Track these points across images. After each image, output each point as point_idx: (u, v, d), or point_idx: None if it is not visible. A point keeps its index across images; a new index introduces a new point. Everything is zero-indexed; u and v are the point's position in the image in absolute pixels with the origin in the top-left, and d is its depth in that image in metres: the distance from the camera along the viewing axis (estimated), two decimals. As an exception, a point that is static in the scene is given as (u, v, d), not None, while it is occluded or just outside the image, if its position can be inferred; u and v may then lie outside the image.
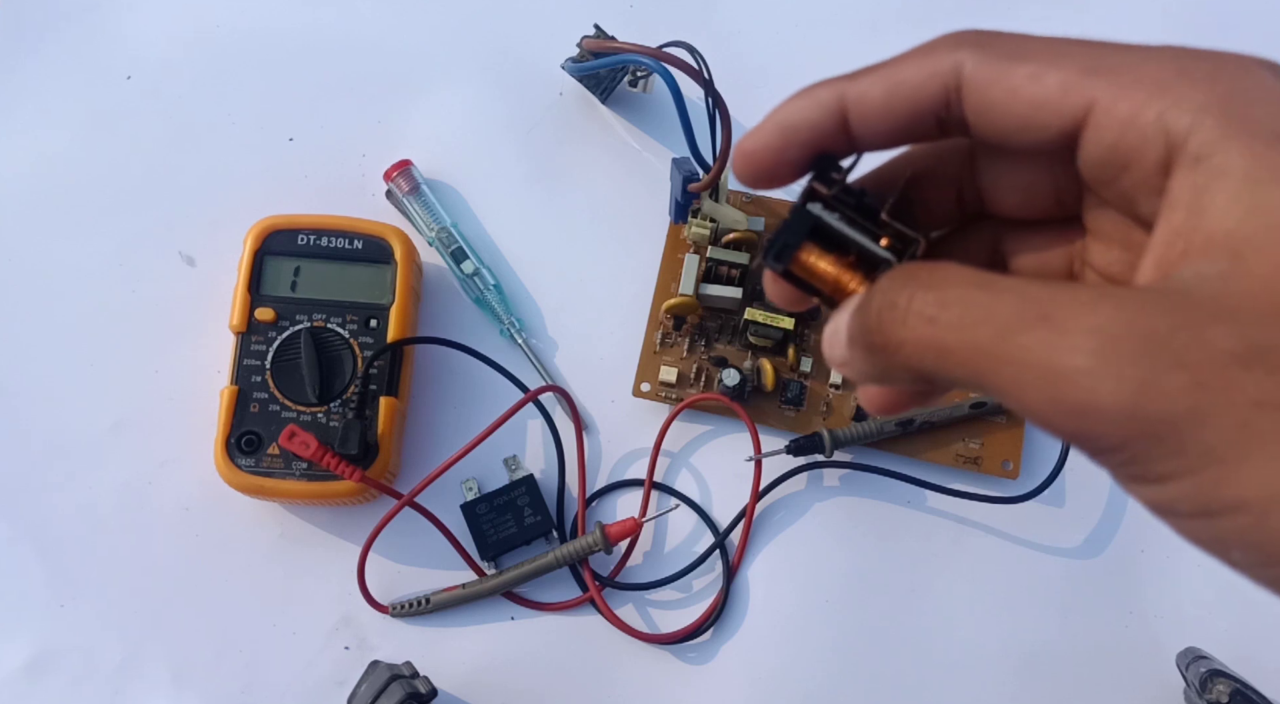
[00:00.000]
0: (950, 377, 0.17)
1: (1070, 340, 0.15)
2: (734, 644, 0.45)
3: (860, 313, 0.19)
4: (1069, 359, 0.15)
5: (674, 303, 0.46)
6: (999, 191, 0.22)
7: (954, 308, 0.17)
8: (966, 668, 0.45)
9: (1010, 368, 0.16)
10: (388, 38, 0.52)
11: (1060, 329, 0.16)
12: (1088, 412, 0.15)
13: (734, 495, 0.46)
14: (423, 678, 0.41)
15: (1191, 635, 0.44)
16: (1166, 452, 0.15)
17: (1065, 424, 0.16)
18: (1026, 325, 0.16)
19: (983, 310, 0.17)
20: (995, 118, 0.19)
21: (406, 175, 0.48)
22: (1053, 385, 0.16)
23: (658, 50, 0.42)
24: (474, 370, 0.47)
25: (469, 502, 0.45)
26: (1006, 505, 0.45)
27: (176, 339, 0.47)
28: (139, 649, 0.44)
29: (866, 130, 0.20)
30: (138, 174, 0.50)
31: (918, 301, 0.17)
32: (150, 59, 0.52)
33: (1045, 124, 0.18)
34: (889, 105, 0.20)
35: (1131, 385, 0.15)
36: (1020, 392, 0.16)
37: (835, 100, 0.20)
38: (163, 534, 0.45)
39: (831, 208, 0.20)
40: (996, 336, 0.16)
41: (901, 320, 0.17)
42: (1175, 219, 0.17)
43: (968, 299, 0.17)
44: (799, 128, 0.20)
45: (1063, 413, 0.16)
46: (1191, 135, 0.17)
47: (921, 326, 0.17)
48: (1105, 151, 0.18)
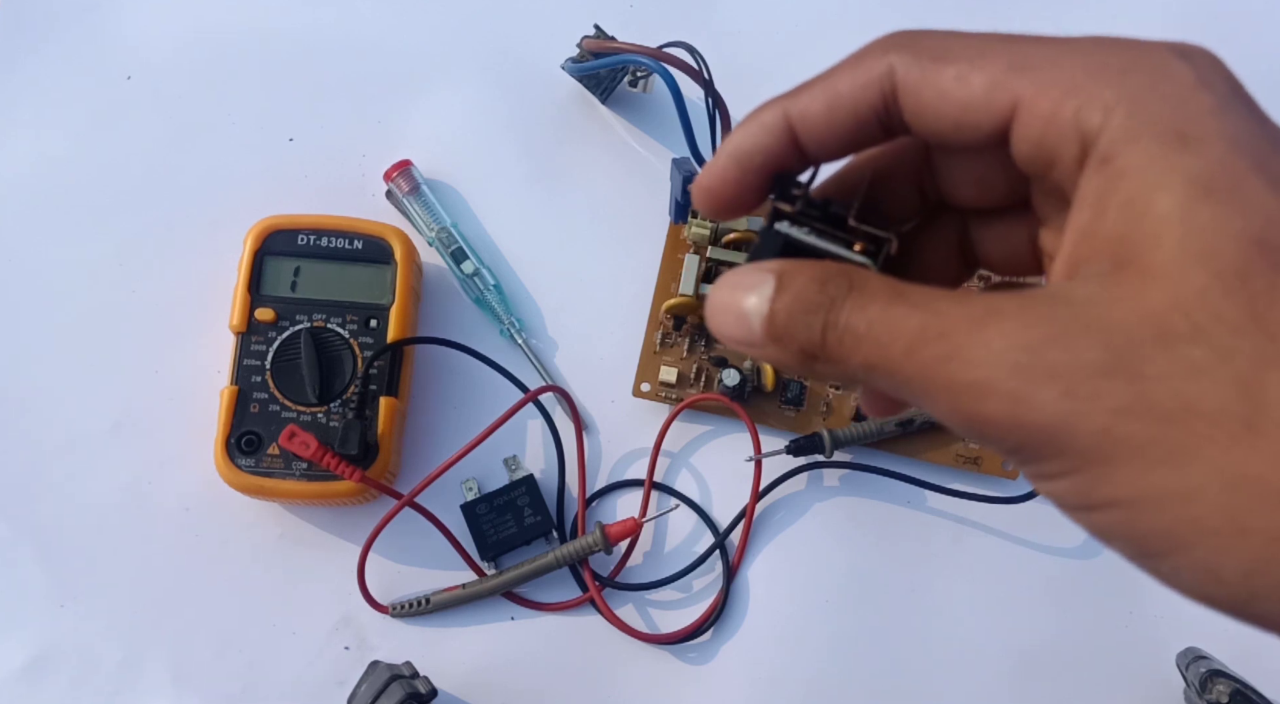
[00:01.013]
0: (882, 387, 0.18)
1: (962, 355, 0.17)
2: (734, 644, 0.45)
3: (790, 318, 0.19)
4: (961, 373, 0.17)
5: (674, 303, 0.46)
6: (955, 185, 0.22)
7: (878, 326, 0.18)
8: (966, 668, 0.45)
9: (918, 381, 0.17)
10: (388, 38, 0.52)
11: (955, 345, 0.17)
12: (980, 420, 0.17)
13: (734, 495, 0.46)
14: (423, 678, 0.41)
15: (1191, 635, 0.44)
16: (1050, 454, 0.16)
17: (968, 430, 0.17)
18: (928, 341, 0.17)
19: (896, 326, 0.17)
20: (929, 120, 0.19)
21: (406, 175, 0.48)
22: (951, 396, 0.17)
23: (658, 50, 0.42)
24: (474, 370, 0.47)
25: (469, 502, 0.45)
26: (1006, 505, 0.45)
27: (176, 339, 0.47)
28: (139, 649, 0.44)
29: (816, 144, 0.21)
30: (138, 174, 0.50)
31: (853, 320, 0.18)
32: (150, 59, 0.51)
33: (976, 124, 0.19)
34: (831, 118, 0.20)
35: (1010, 397, 0.16)
36: (929, 401, 0.17)
37: (780, 121, 0.20)
38: (163, 534, 0.45)
39: (799, 223, 0.21)
40: (905, 352, 0.17)
41: (838, 340, 0.18)
42: (1081, 218, 0.18)
43: (888, 317, 0.18)
44: (751, 154, 0.21)
45: (963, 421, 0.17)
46: (1101, 134, 0.17)
47: (853, 344, 0.18)
48: (1033, 147, 0.18)
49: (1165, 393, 0.15)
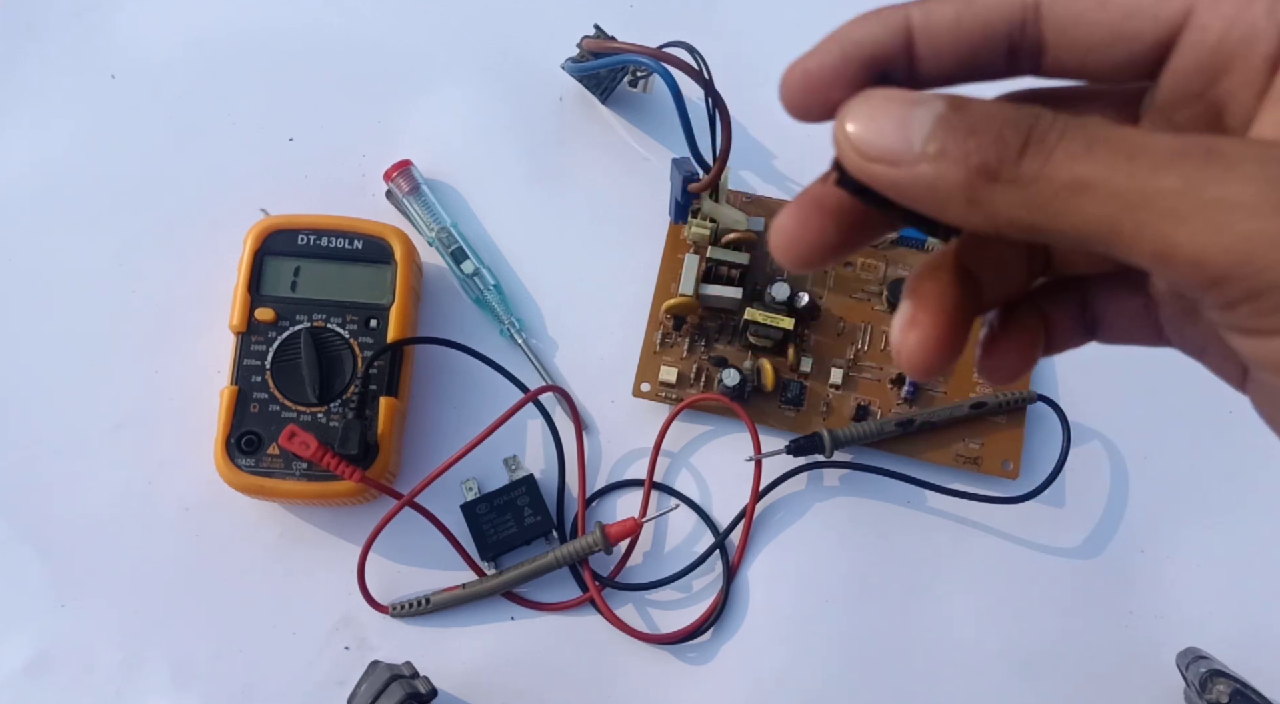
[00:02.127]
0: (1081, 219, 0.16)
1: (1245, 169, 0.15)
2: (734, 644, 0.45)
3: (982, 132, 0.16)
4: (1242, 187, 0.14)
5: (674, 303, 0.46)
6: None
7: (1103, 148, 0.15)
8: (966, 668, 0.45)
9: (1165, 199, 0.15)
10: (388, 38, 0.52)
11: (1231, 161, 0.15)
12: (1257, 239, 0.14)
13: (734, 495, 0.46)
14: (423, 678, 0.41)
15: (1191, 635, 0.44)
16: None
17: (1224, 254, 0.15)
18: (1189, 157, 0.15)
19: (1137, 147, 0.15)
20: (1080, 33, 0.18)
21: (406, 175, 0.48)
22: (1213, 217, 0.14)
23: (658, 50, 0.42)
24: (474, 370, 0.47)
25: (469, 502, 0.45)
26: (1006, 505, 0.45)
27: (176, 339, 0.47)
28: (139, 649, 0.44)
29: (933, 56, 0.19)
30: (138, 174, 0.50)
31: (1067, 140, 0.16)
32: (150, 59, 0.52)
33: (1138, 32, 0.17)
34: (959, 26, 0.19)
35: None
36: (1173, 224, 0.15)
37: (901, 19, 0.19)
38: (163, 534, 0.45)
39: None
40: (1153, 168, 0.15)
41: (1046, 155, 0.16)
42: None
43: (1120, 140, 0.15)
44: (861, 43, 0.19)
45: (1222, 248, 0.15)
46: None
47: (1064, 161, 0.15)
48: (1205, 54, 0.17)
49: None
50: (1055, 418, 0.45)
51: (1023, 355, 0.21)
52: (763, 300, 0.46)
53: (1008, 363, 0.21)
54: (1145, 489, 0.47)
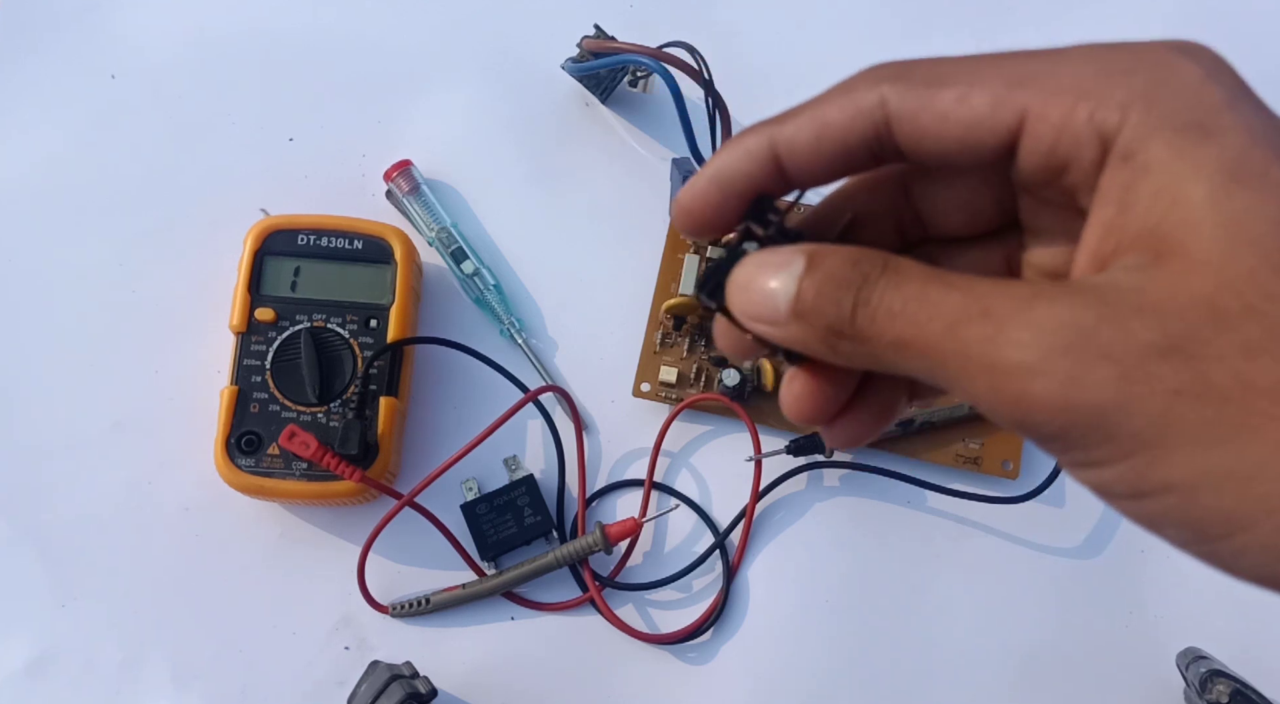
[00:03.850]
0: (907, 369, 0.18)
1: (1008, 335, 0.16)
2: (734, 644, 0.45)
3: (820, 296, 0.19)
4: (1006, 353, 0.16)
5: (674, 303, 0.46)
6: (941, 215, 0.22)
7: (914, 304, 0.18)
8: (967, 668, 0.45)
9: (957, 361, 0.17)
10: (388, 38, 0.52)
11: (999, 324, 0.17)
12: (1024, 403, 0.16)
13: (734, 495, 0.46)
14: (423, 678, 0.41)
15: (1191, 635, 0.44)
16: (1099, 439, 0.16)
17: (1008, 414, 0.17)
18: (969, 319, 0.17)
19: (935, 305, 0.17)
20: (929, 144, 0.19)
21: (406, 175, 0.48)
22: (993, 377, 0.17)
23: (658, 50, 0.42)
24: (474, 370, 0.47)
25: (469, 502, 0.45)
26: (1006, 505, 0.45)
27: (176, 339, 0.47)
28: (139, 649, 0.44)
29: (801, 172, 0.20)
30: (138, 174, 0.50)
31: (887, 298, 0.18)
32: (150, 59, 0.51)
33: (980, 142, 0.19)
34: (819, 148, 0.20)
35: (1062, 378, 0.16)
36: (966, 383, 0.17)
37: (766, 148, 0.20)
38: (163, 534, 0.45)
39: (766, 248, 0.21)
40: (944, 331, 0.17)
41: (871, 317, 0.18)
42: (1106, 215, 0.18)
43: (925, 296, 0.18)
44: (734, 179, 0.21)
45: (1004, 403, 0.17)
46: (1120, 132, 0.17)
47: (888, 322, 0.18)
48: (1043, 157, 0.18)
49: (1224, 372, 0.15)
50: (1055, 418, 0.45)
51: (882, 418, 0.23)
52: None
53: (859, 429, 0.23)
54: (1145, 489, 0.47)
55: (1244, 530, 0.16)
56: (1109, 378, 0.16)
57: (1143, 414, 0.16)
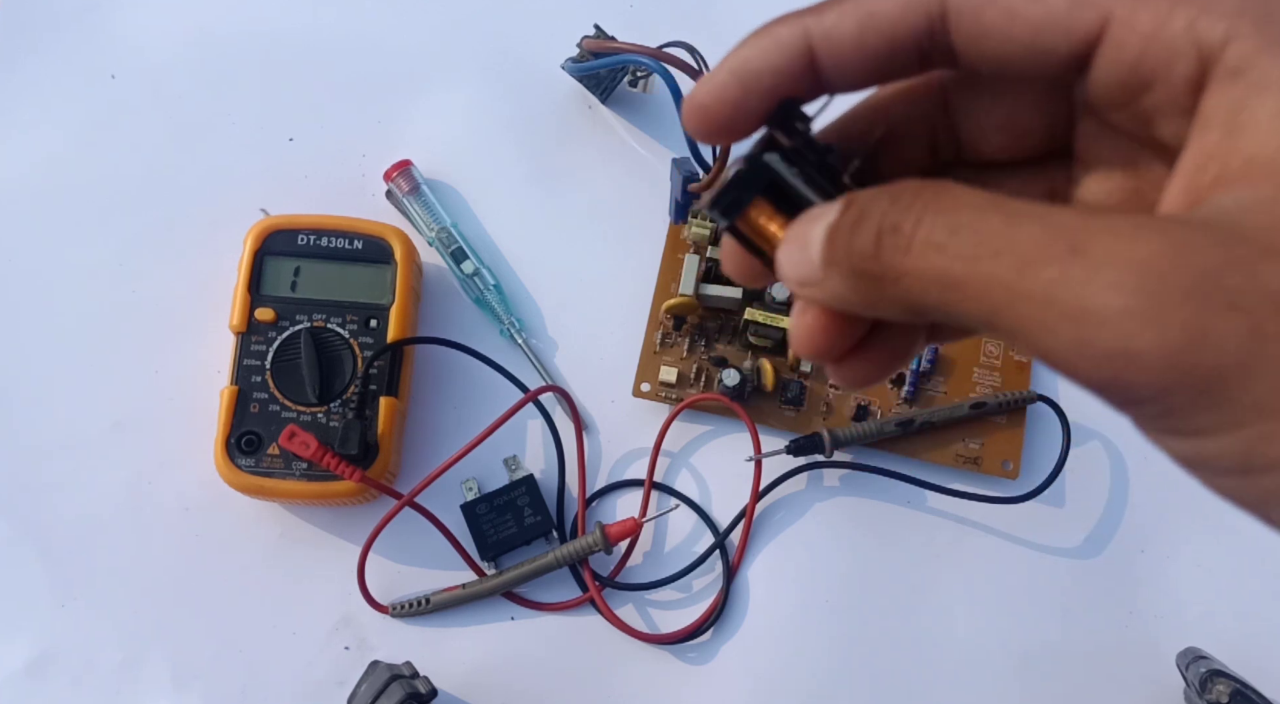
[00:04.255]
0: (957, 313, 0.15)
1: (1107, 275, 0.14)
2: (734, 644, 0.45)
3: (849, 231, 0.16)
4: (1105, 297, 0.14)
5: (674, 303, 0.46)
6: (982, 134, 0.20)
7: (967, 235, 0.15)
8: (967, 668, 0.45)
9: (1032, 306, 0.14)
10: (388, 38, 0.52)
11: (1095, 263, 0.14)
12: (1124, 358, 0.14)
13: (734, 495, 0.46)
14: (423, 678, 0.41)
15: (1191, 635, 0.44)
16: (1210, 403, 0.14)
17: (1094, 372, 0.14)
18: (1054, 257, 0.14)
19: (1002, 239, 0.14)
20: (992, 45, 0.17)
21: (406, 175, 0.48)
22: (1083, 327, 0.14)
23: (658, 50, 0.42)
24: (474, 370, 0.47)
25: (469, 502, 0.45)
26: (1006, 505, 0.45)
27: (176, 339, 0.48)
28: (139, 649, 0.44)
29: (838, 71, 0.18)
30: (138, 174, 0.50)
31: (926, 226, 0.15)
32: (150, 59, 0.52)
33: (1052, 47, 0.16)
34: (863, 41, 0.17)
35: (1178, 330, 0.13)
36: (1043, 333, 0.14)
37: (800, 39, 0.18)
38: (163, 534, 0.45)
39: (790, 161, 0.18)
40: (1017, 269, 0.14)
41: (905, 247, 0.15)
42: (1209, 140, 0.15)
43: (984, 225, 0.15)
44: (760, 73, 0.18)
45: (1093, 359, 0.14)
46: (1228, 46, 0.15)
47: (929, 255, 0.15)
48: (1125, 71, 0.16)
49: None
50: (1055, 418, 0.45)
51: (895, 358, 0.20)
52: (763, 300, 0.46)
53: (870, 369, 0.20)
54: (1145, 489, 0.47)
55: None
56: (1238, 332, 0.13)
57: (1271, 377, 0.13)
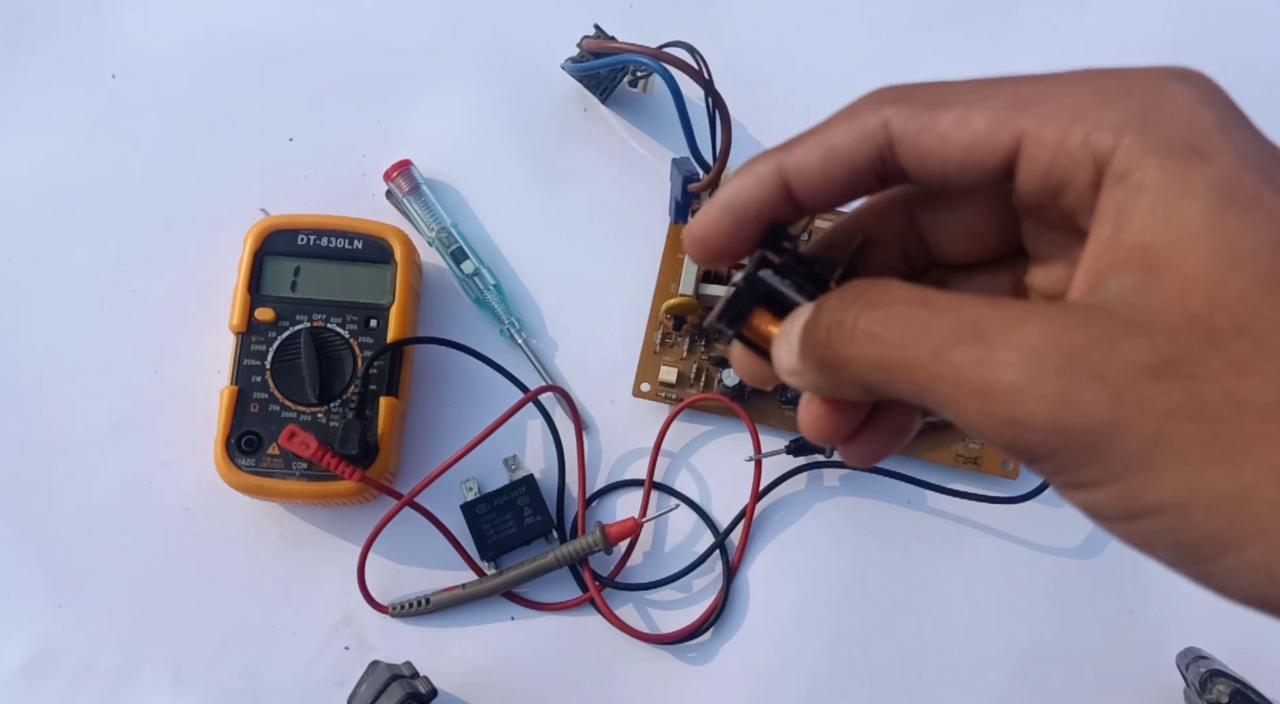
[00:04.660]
0: (895, 392, 0.18)
1: (999, 356, 0.16)
2: (734, 644, 0.45)
3: (810, 328, 0.19)
4: (997, 374, 0.16)
5: (674, 303, 0.46)
6: (946, 240, 0.23)
7: (895, 325, 0.18)
8: (966, 668, 0.45)
9: (945, 383, 0.17)
10: (388, 38, 0.52)
11: (990, 345, 0.16)
12: (1015, 425, 0.16)
13: (734, 495, 0.46)
14: (423, 678, 0.41)
15: (1191, 635, 0.44)
16: (1090, 461, 0.16)
17: (997, 435, 0.17)
18: (960, 341, 0.17)
19: (921, 327, 0.17)
20: (931, 165, 0.19)
21: (406, 175, 0.48)
22: (984, 399, 0.16)
23: (658, 50, 0.42)
24: (474, 370, 0.47)
25: (469, 502, 0.45)
26: (1006, 505, 0.45)
27: (176, 339, 0.47)
28: (139, 649, 0.44)
29: (810, 196, 0.21)
30: (138, 174, 0.50)
31: (864, 320, 0.18)
32: (150, 59, 0.51)
33: (980, 162, 0.19)
34: (827, 171, 0.20)
35: (1054, 400, 0.16)
36: (956, 405, 0.17)
37: (775, 174, 0.21)
38: (163, 534, 0.45)
39: (783, 275, 0.21)
40: (932, 353, 0.17)
41: (848, 338, 0.18)
42: (1102, 234, 0.18)
43: (908, 317, 0.18)
44: (746, 206, 0.21)
45: (994, 425, 0.17)
46: (1115, 153, 0.17)
47: (866, 344, 0.18)
48: (1040, 178, 0.18)
49: (1216, 392, 0.15)
50: (1055, 418, 0.45)
51: (896, 436, 0.23)
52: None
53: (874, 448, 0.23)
54: (1145, 489, 0.47)
55: (1236, 551, 0.15)
56: (1101, 399, 0.16)
57: (1135, 435, 0.15)
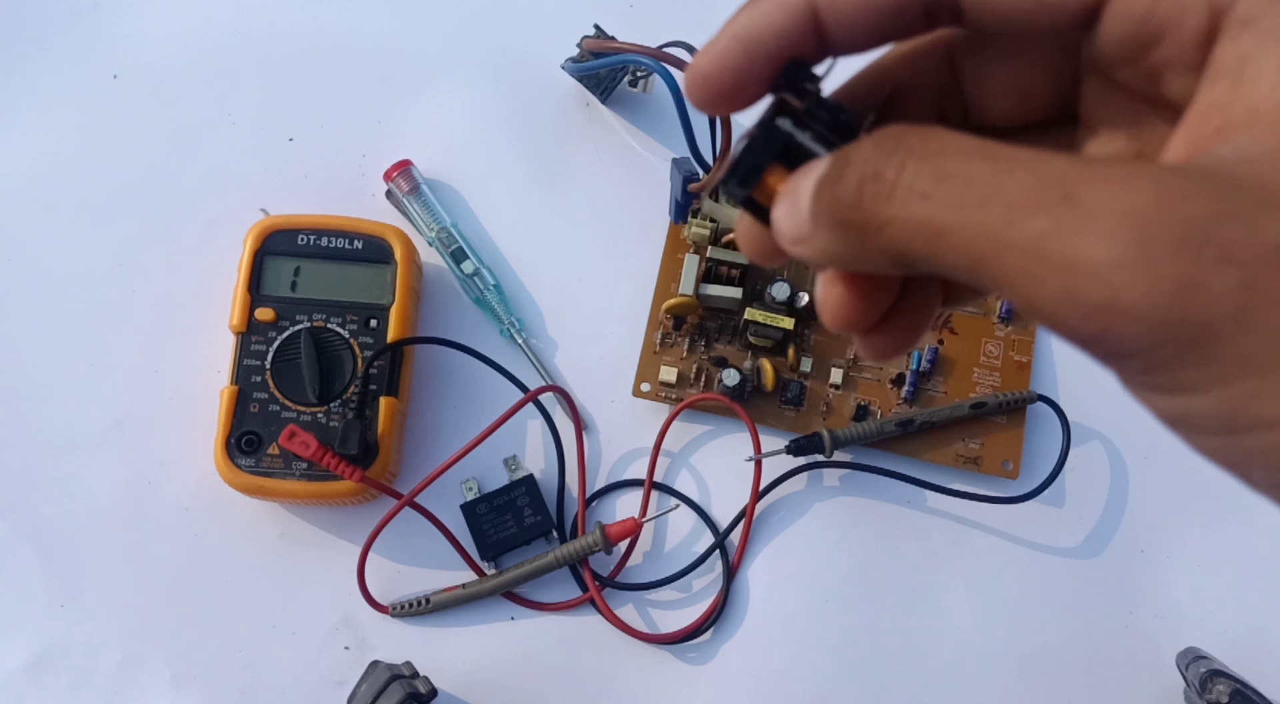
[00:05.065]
0: (942, 264, 0.15)
1: (1098, 225, 0.13)
2: (734, 644, 0.45)
3: (832, 182, 0.16)
4: (1096, 249, 0.13)
5: (674, 303, 0.46)
6: (989, 97, 0.20)
7: (954, 182, 0.14)
8: (966, 668, 0.45)
9: (1020, 256, 0.14)
10: (388, 38, 0.52)
11: (1087, 212, 0.13)
12: (1113, 311, 0.13)
13: (734, 495, 0.46)
14: (423, 678, 0.41)
15: (1191, 635, 0.44)
16: (1198, 359, 0.13)
17: (1082, 324, 0.14)
18: (1044, 205, 0.14)
19: (989, 186, 0.14)
20: (997, 2, 0.17)
21: (406, 175, 0.48)
22: (1072, 279, 0.13)
23: (658, 50, 0.42)
24: (474, 370, 0.47)
25: (469, 502, 0.45)
26: (1006, 505, 0.45)
27: (176, 339, 0.47)
28: (139, 649, 0.44)
29: (842, 31, 0.17)
30: (138, 174, 0.50)
31: (909, 173, 0.15)
32: (150, 59, 0.52)
33: (1060, 2, 0.16)
34: (866, 1, 0.17)
35: (1170, 283, 0.13)
36: (1030, 285, 0.14)
37: (804, 1, 0.17)
38: (163, 534, 0.45)
39: (803, 124, 0.18)
40: (1005, 218, 0.14)
41: (888, 195, 0.15)
42: (1216, 91, 0.15)
43: (971, 172, 0.14)
44: (763, 37, 0.18)
45: (1081, 311, 0.14)
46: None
47: (913, 203, 0.15)
48: (1133, 25, 0.16)
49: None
50: (1055, 418, 0.45)
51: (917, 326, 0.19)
52: (763, 300, 0.46)
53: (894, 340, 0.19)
54: (1145, 489, 0.47)
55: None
56: (1231, 285, 0.13)
57: (1264, 332, 0.13)
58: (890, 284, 0.18)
